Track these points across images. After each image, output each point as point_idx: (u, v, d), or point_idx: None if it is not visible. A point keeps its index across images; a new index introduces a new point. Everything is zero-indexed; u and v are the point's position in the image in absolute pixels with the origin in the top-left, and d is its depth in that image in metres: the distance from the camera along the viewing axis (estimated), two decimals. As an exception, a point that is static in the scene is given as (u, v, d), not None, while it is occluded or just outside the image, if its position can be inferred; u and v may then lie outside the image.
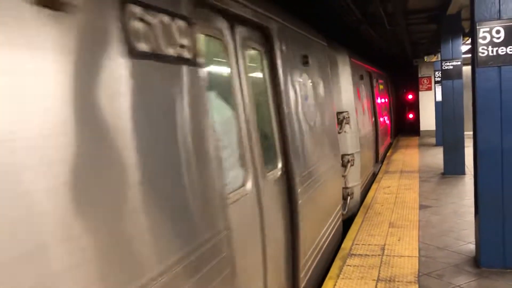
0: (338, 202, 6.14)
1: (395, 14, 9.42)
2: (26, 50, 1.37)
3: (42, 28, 1.43)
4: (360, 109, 8.81)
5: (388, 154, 14.90)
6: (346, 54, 7.75)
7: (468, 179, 9.81)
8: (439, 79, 14.71)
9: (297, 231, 3.95)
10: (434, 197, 8.50)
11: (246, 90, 3.25)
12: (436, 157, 13.08)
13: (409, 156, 14.20)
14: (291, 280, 3.97)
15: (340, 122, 7.05)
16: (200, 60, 2.42)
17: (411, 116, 23.97)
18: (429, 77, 20.07)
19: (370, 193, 9.02)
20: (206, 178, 2.38)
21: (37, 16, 1.41)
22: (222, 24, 3.00)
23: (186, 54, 2.27)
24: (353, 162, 7.32)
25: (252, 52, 3.63)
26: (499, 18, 4.72)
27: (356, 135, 7.81)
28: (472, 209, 5.36)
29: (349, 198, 7.15)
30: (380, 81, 13.90)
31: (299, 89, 4.46)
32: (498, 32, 4.72)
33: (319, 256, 4.83)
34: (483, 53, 4.78)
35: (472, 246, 5.54)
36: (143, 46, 1.91)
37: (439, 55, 12.37)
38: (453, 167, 10.62)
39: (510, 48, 4.70)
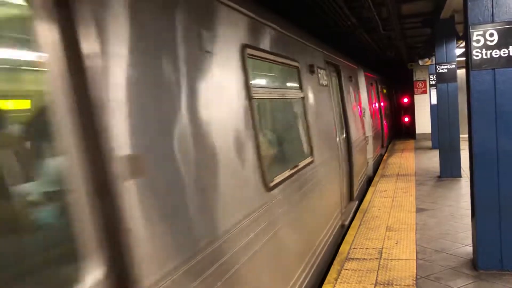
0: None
1: (389, 19, 9.48)
2: None
3: None
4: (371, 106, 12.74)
5: (384, 157, 14.94)
6: (362, 69, 11.57)
7: (464, 182, 9.85)
8: (434, 82, 14.79)
9: None
10: (431, 200, 8.52)
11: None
12: (432, 160, 13.12)
13: (405, 160, 14.23)
14: None
15: (363, 113, 10.70)
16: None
17: (406, 119, 24.05)
18: (424, 81, 20.17)
19: (367, 197, 9.03)
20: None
21: None
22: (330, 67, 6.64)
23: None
24: (369, 141, 10.82)
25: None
26: (493, 21, 4.76)
27: (369, 122, 11.70)
28: (469, 212, 5.37)
29: (367, 163, 10.66)
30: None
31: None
32: (491, 35, 4.75)
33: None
34: (477, 56, 4.81)
35: (469, 249, 5.55)
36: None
37: (434, 59, 12.44)
38: (449, 170, 10.66)
39: (504, 50, 4.73)
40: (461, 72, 8.38)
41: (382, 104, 15.82)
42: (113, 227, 1.83)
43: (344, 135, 7.80)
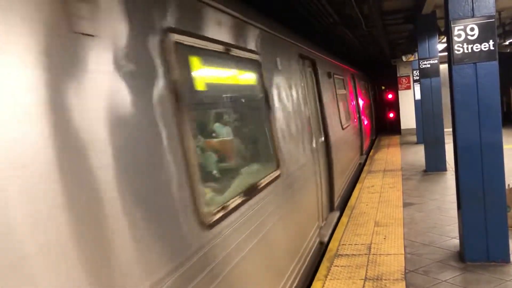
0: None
1: (371, 15, 9.53)
2: None
3: None
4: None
5: (370, 154, 15.04)
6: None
7: (450, 175, 9.96)
8: (417, 78, 14.92)
9: None
10: (417, 194, 8.60)
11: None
12: (418, 154, 13.25)
13: (391, 155, 14.35)
14: None
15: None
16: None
17: (391, 115, 24.25)
18: (408, 76, 20.36)
19: (355, 193, 9.08)
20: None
21: None
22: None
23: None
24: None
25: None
26: (473, 16, 4.81)
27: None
28: (455, 205, 5.43)
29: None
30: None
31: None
32: (472, 29, 4.81)
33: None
34: (458, 50, 4.86)
35: (456, 241, 5.62)
36: None
37: (416, 54, 12.55)
38: (434, 164, 10.77)
39: (485, 45, 4.79)
40: (444, 67, 8.47)
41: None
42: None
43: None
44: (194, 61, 2.94)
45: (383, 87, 25.22)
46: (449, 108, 5.24)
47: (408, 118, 20.18)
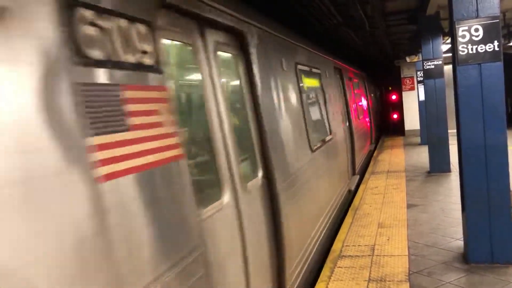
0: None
1: (374, 16, 9.52)
2: None
3: None
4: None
5: (374, 154, 15.02)
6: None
7: (454, 177, 9.93)
8: (421, 78, 14.88)
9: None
10: (421, 195, 8.57)
11: None
12: (422, 155, 13.22)
13: (395, 156, 14.31)
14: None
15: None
16: None
17: (395, 116, 24.19)
18: (412, 77, 20.30)
19: (358, 194, 9.07)
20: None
21: None
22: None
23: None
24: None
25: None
26: (477, 16, 4.80)
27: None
28: (459, 206, 5.41)
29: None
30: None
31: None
32: (476, 30, 4.79)
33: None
34: (463, 51, 4.85)
35: (460, 243, 5.59)
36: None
37: (420, 55, 12.52)
38: (438, 165, 10.74)
39: (489, 45, 4.78)
40: (448, 68, 8.45)
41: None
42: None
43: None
44: (304, 79, 6.17)
45: (387, 88, 25.17)
46: (453, 109, 5.22)
47: (412, 119, 20.13)
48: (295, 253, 4.23)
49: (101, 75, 1.83)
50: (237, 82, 3.72)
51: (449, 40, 9.93)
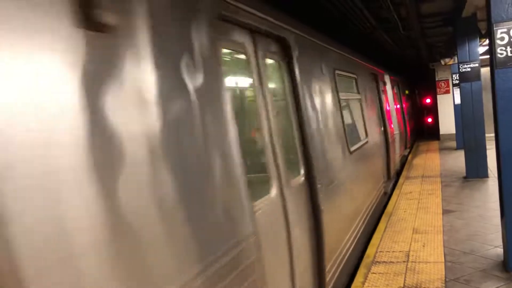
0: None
1: (409, 19, 9.39)
2: None
3: None
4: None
5: (408, 159, 14.79)
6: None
7: (492, 182, 9.66)
8: (457, 81, 14.55)
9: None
10: (458, 201, 8.38)
11: None
12: (458, 160, 12.91)
13: (430, 161, 14.04)
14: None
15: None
16: None
17: (430, 120, 23.71)
18: (447, 80, 19.87)
19: (392, 199, 8.94)
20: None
21: None
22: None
23: None
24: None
25: None
26: (516, 18, 4.68)
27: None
28: (498, 213, 5.27)
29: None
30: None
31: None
32: (516, 32, 4.67)
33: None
34: (501, 54, 4.73)
35: (499, 250, 5.44)
36: None
37: (456, 58, 12.26)
38: (475, 170, 10.47)
39: (529, 47, 4.65)
40: (485, 71, 8.25)
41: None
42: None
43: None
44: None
45: (421, 91, 24.72)
46: (490, 112, 5.10)
47: (447, 123, 19.68)
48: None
49: None
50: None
51: (485, 42, 9.71)
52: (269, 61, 3.68)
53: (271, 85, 3.61)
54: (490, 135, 6.35)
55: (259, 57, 3.36)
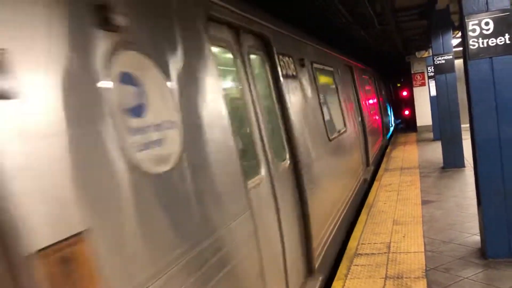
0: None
1: (384, 13, 9.49)
2: None
3: None
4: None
5: (387, 151, 14.97)
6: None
7: (468, 172, 9.85)
8: (432, 74, 14.79)
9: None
10: (436, 191, 8.52)
11: None
12: (435, 151, 13.13)
13: (408, 153, 14.24)
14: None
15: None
16: None
17: (407, 112, 24.03)
18: (422, 73, 20.14)
19: (372, 191, 9.04)
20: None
21: None
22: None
23: None
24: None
25: None
26: (487, 10, 4.77)
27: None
28: (475, 201, 5.38)
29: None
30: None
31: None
32: (487, 24, 4.76)
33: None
34: (473, 45, 4.83)
35: (477, 238, 5.56)
36: None
37: (431, 50, 12.45)
38: (452, 161, 10.66)
39: (500, 38, 4.75)
40: (459, 62, 8.40)
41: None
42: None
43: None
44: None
45: (397, 84, 25.02)
46: (465, 103, 5.20)
47: (423, 115, 19.98)
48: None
49: None
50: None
51: (459, 35, 9.87)
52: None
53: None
54: (465, 126, 6.47)
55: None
